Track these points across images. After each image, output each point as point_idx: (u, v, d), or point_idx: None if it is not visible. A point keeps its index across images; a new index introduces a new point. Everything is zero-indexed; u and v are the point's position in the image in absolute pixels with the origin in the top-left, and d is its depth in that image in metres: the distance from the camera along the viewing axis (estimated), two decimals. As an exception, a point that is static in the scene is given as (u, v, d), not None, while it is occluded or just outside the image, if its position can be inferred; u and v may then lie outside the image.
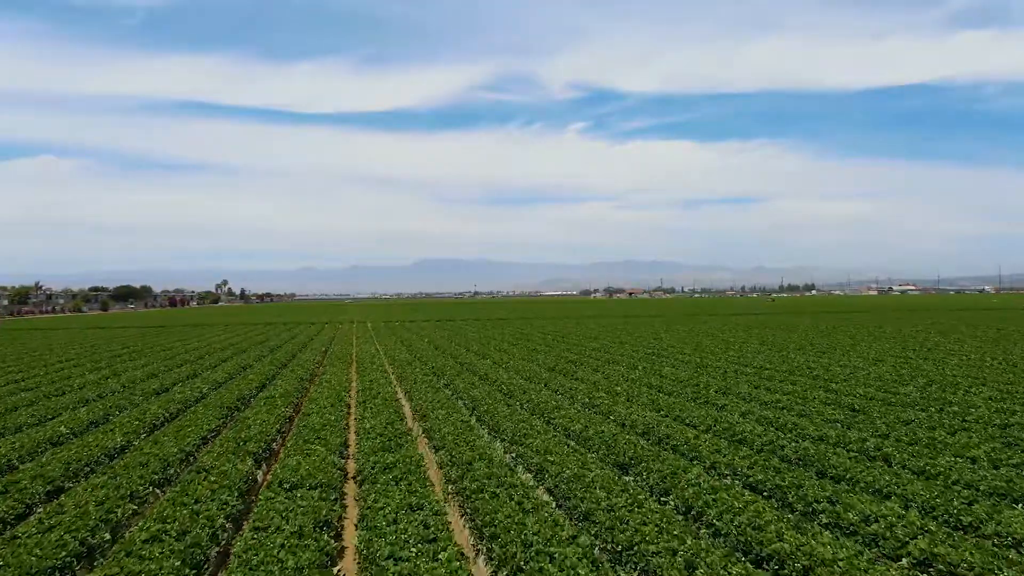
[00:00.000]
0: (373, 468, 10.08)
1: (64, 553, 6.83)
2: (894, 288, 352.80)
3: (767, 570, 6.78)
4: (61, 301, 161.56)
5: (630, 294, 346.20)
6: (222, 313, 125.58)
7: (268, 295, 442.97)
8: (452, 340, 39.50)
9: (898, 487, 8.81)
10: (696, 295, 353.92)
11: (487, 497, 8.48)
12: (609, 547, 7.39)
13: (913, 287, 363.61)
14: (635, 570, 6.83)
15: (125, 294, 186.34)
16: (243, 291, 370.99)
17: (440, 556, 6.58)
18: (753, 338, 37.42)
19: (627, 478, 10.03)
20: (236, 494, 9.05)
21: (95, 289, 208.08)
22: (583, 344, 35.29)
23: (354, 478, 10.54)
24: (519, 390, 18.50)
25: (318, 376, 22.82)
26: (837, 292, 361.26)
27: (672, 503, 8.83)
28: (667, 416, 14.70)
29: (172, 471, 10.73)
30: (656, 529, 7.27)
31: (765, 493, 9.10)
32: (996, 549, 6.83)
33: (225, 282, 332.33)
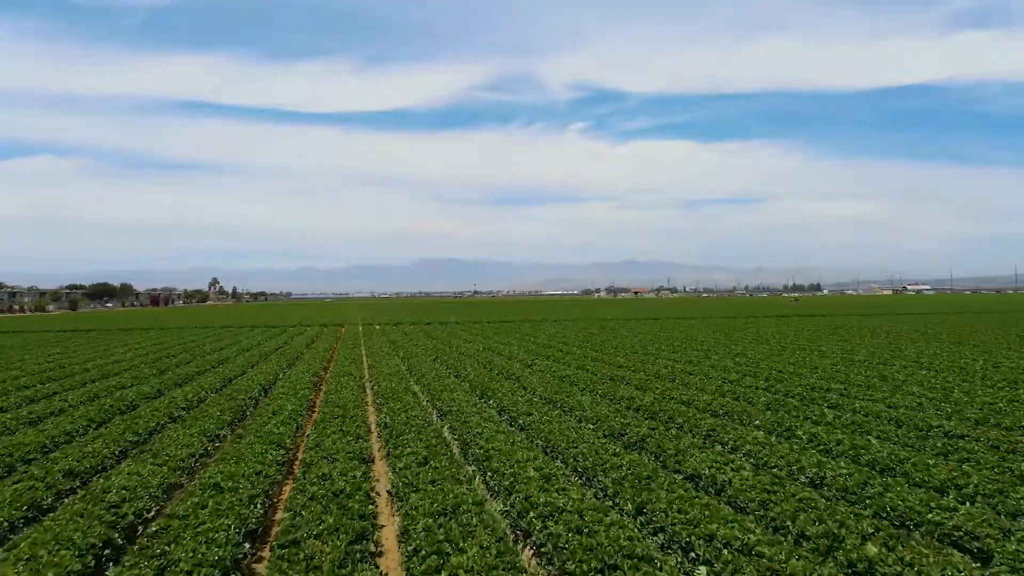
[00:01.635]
0: None
1: None
2: (908, 288, 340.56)
3: None
4: (26, 300, 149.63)
5: (635, 293, 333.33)
6: (191, 313, 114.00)
7: (263, 294, 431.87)
8: (439, 356, 27.55)
9: None
10: (703, 295, 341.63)
11: None
12: None
13: (928, 287, 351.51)
14: None
15: (100, 292, 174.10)
16: (235, 289, 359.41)
17: None
18: (883, 353, 25.40)
19: None
20: None
21: (72, 287, 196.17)
22: (636, 364, 23.34)
23: None
24: (592, 556, 6.54)
25: (141, 451, 10.86)
26: (851, 292, 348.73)
27: None
28: None
29: None
30: None
31: None
32: None
33: (215, 280, 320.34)
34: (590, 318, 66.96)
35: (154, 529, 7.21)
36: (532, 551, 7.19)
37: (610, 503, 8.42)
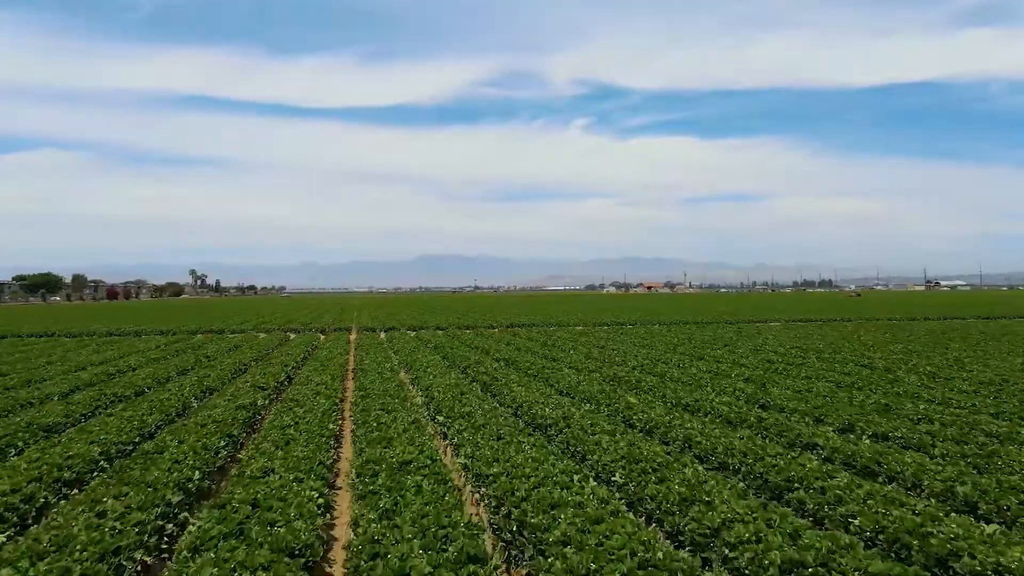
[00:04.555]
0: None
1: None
2: (941, 284, 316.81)
3: None
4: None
5: (648, 288, 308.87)
6: (125, 310, 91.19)
7: (252, 288, 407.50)
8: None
9: None
10: (722, 291, 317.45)
11: None
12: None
13: (963, 282, 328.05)
14: None
15: (41, 284, 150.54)
16: (218, 283, 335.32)
17: None
18: None
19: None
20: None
21: (18, 278, 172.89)
22: None
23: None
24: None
25: None
26: (879, 287, 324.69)
27: None
28: None
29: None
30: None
31: None
32: None
33: (196, 273, 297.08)
34: (630, 320, 43.25)
35: None
36: None
37: None
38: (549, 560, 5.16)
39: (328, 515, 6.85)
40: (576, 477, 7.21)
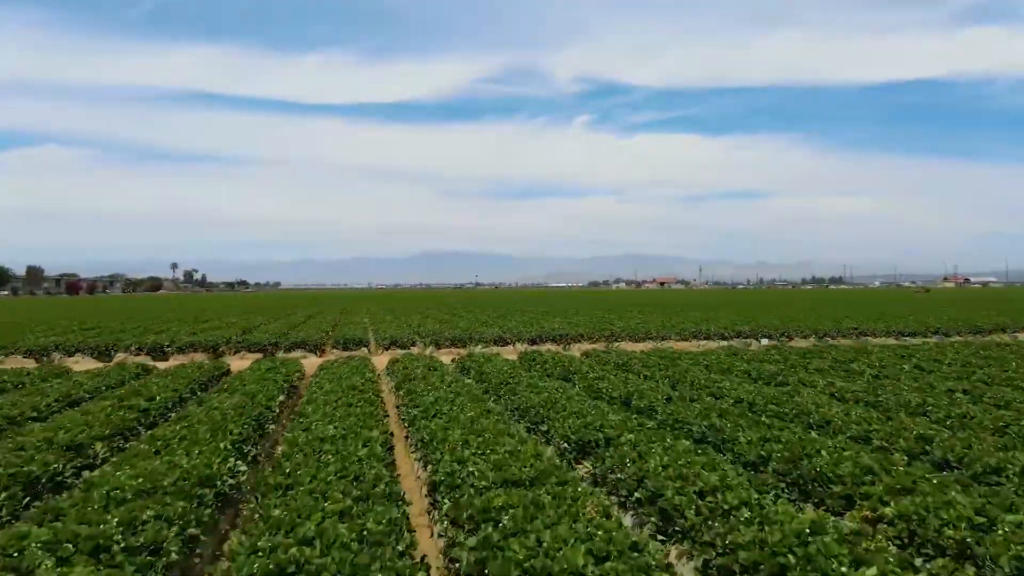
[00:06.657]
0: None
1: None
2: (971, 280, 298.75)
3: None
4: None
5: (661, 284, 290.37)
6: (60, 305, 73.43)
7: (243, 283, 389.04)
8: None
9: None
10: (739, 287, 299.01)
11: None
12: None
13: (994, 279, 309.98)
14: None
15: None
16: (204, 278, 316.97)
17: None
18: None
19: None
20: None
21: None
22: None
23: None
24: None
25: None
26: (907, 284, 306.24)
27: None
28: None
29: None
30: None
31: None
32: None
33: (175, 265, 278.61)
34: (801, 327, 24.69)
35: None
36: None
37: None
38: None
39: None
40: None
